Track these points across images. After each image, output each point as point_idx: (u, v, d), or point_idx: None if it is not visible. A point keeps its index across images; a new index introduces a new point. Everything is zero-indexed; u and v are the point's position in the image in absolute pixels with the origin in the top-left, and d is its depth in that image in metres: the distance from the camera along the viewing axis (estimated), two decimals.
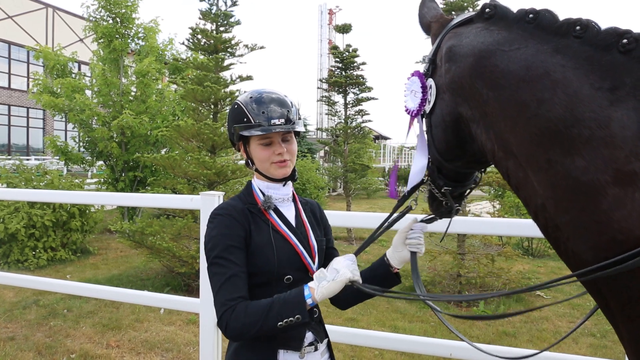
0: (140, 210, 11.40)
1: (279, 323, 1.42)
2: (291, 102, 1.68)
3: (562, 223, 1.02)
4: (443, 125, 1.29)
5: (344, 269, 1.49)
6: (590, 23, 1.02)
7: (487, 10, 1.20)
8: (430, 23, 1.41)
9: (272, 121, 1.60)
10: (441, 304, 6.40)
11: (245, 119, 1.62)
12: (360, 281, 1.51)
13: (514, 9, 1.16)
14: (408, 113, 1.40)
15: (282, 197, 1.73)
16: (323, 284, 1.46)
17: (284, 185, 1.73)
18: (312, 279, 1.66)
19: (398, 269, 1.72)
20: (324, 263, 1.78)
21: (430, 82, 1.31)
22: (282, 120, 1.61)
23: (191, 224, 6.59)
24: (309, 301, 1.45)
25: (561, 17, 1.08)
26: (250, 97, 1.65)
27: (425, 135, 1.38)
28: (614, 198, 0.93)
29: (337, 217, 3.02)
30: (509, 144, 1.09)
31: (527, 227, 2.66)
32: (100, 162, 12.11)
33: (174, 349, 4.83)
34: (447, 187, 1.43)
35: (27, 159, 20.47)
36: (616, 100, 0.95)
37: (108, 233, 11.01)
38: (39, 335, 5.05)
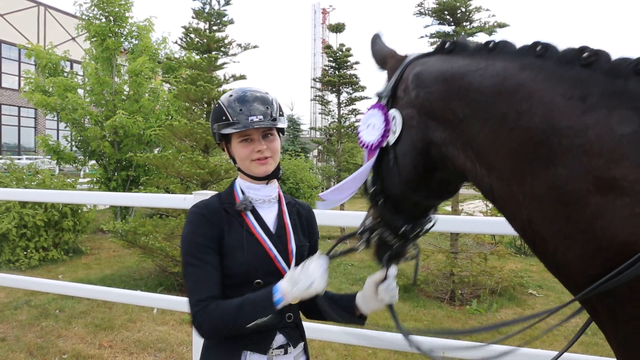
0: (133, 210, 11.35)
1: (248, 324, 1.45)
2: (272, 99, 1.66)
3: (548, 235, 1.03)
4: (414, 153, 1.25)
5: (319, 279, 1.47)
6: (548, 44, 1.08)
7: (446, 45, 1.24)
8: (386, 58, 1.40)
9: (251, 118, 1.58)
10: (434, 302, 6.43)
11: (224, 117, 1.61)
12: (325, 287, 1.51)
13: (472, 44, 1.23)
14: (366, 147, 1.34)
15: (264, 198, 1.70)
16: (295, 292, 1.46)
17: (267, 184, 1.69)
18: None
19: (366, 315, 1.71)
20: None
21: (394, 112, 1.28)
22: (261, 117, 1.59)
23: (184, 223, 6.57)
24: (279, 306, 1.46)
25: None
26: (230, 96, 1.64)
27: (373, 168, 1.36)
28: (596, 206, 0.94)
29: (330, 217, 3.03)
30: (491, 159, 1.09)
31: None
32: (93, 162, 12.05)
33: (167, 348, 4.81)
34: (407, 225, 1.38)
35: (19, 159, 20.34)
36: (588, 109, 0.98)
37: (100, 233, 10.95)
38: (30, 336, 5.01)
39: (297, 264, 1.66)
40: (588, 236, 0.96)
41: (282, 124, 1.66)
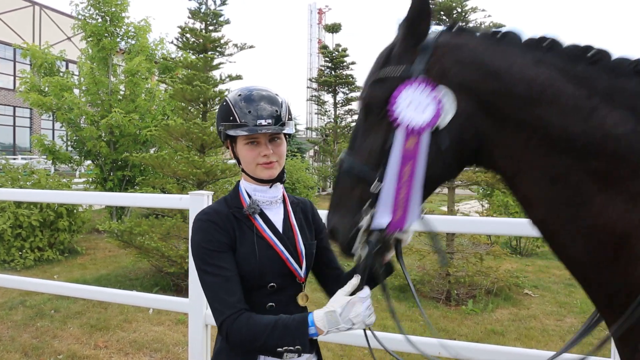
0: (128, 210, 11.31)
1: (278, 348, 1.40)
2: (282, 101, 1.60)
3: (561, 233, 1.16)
4: (463, 139, 1.22)
5: (359, 324, 1.40)
6: (554, 38, 1.17)
7: (456, 26, 1.28)
8: (422, 20, 1.25)
9: (259, 121, 1.53)
10: (430, 303, 6.43)
11: (231, 118, 1.56)
12: (374, 320, 1.44)
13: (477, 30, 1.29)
14: (411, 130, 1.22)
15: (270, 199, 1.67)
16: (332, 330, 1.39)
17: (270, 187, 1.67)
18: (298, 285, 1.66)
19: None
20: (315, 264, 1.75)
21: (444, 92, 1.20)
22: (271, 120, 1.54)
23: (180, 223, 6.56)
24: (314, 338, 1.42)
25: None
26: (239, 95, 1.59)
27: (425, 155, 1.24)
28: (599, 204, 1.09)
29: (324, 216, 3.03)
30: (520, 162, 1.18)
31: (515, 226, 2.68)
32: (89, 162, 12.01)
33: (162, 349, 4.80)
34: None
35: (14, 158, 20.24)
36: (594, 109, 1.09)
37: (96, 233, 10.92)
38: (25, 336, 5.00)
39: (307, 263, 1.67)
40: (593, 231, 1.10)
41: (290, 129, 1.62)
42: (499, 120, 1.19)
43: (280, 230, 1.66)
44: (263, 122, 1.53)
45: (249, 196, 1.65)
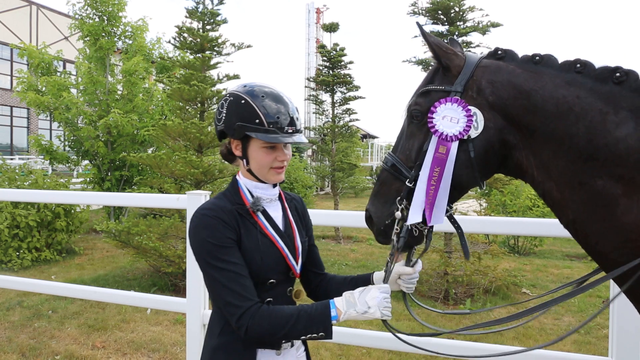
0: (126, 210, 11.30)
1: (302, 336, 1.47)
2: (297, 108, 1.66)
3: (590, 231, 1.31)
4: (491, 150, 1.43)
5: (374, 307, 1.48)
6: (587, 61, 1.32)
7: (499, 52, 1.47)
8: (449, 54, 1.48)
9: (286, 128, 1.57)
10: (428, 302, 6.44)
11: (257, 120, 1.54)
12: (390, 317, 1.51)
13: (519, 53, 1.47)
14: (443, 138, 1.43)
15: (270, 197, 1.69)
16: (350, 313, 1.48)
17: (273, 187, 1.70)
18: (292, 280, 1.71)
19: None
20: (305, 262, 1.78)
21: (474, 109, 1.42)
22: (293, 128, 1.59)
23: (178, 223, 6.55)
24: (334, 322, 1.48)
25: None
26: (262, 96, 1.57)
27: (455, 159, 1.44)
28: (624, 207, 1.23)
29: (324, 216, 3.02)
30: (550, 169, 1.35)
31: (513, 225, 2.68)
32: (86, 162, 11.98)
33: (160, 349, 4.80)
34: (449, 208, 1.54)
35: (11, 159, 20.19)
36: (619, 123, 1.24)
37: (94, 233, 10.91)
38: (22, 337, 4.98)
39: (302, 260, 1.73)
40: (619, 230, 1.25)
41: (304, 138, 1.67)
42: (529, 133, 1.36)
43: (281, 227, 1.69)
44: (289, 129, 1.58)
45: (250, 193, 1.65)
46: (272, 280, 1.62)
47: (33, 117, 29.34)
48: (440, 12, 7.60)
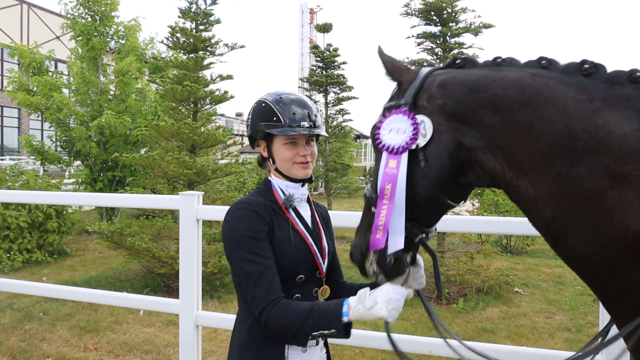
0: (119, 211, 11.23)
1: (314, 332, 1.48)
2: (317, 108, 1.78)
3: (571, 230, 1.16)
4: (446, 155, 1.31)
5: (382, 303, 1.43)
6: (552, 58, 1.23)
7: (457, 61, 1.38)
8: (401, 70, 1.45)
9: (302, 123, 1.67)
10: (421, 302, 6.45)
11: (275, 118, 1.68)
12: (394, 320, 1.47)
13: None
14: (390, 151, 1.37)
15: (301, 196, 1.78)
16: (359, 308, 1.46)
17: (302, 185, 1.77)
18: (319, 280, 1.77)
19: None
20: (328, 267, 1.84)
21: (422, 117, 1.34)
22: (310, 123, 1.69)
23: (171, 224, 6.53)
24: (345, 319, 1.47)
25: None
26: (280, 97, 1.71)
27: (405, 171, 1.35)
28: (612, 201, 1.08)
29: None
30: (521, 163, 1.21)
31: (505, 225, 2.70)
32: (78, 162, 11.91)
33: (153, 350, 4.78)
34: (425, 231, 1.42)
35: (2, 159, 20.05)
36: (596, 110, 1.12)
37: (86, 234, 10.84)
38: (13, 340, 4.95)
39: (328, 260, 1.80)
40: (607, 228, 1.09)
41: (325, 132, 1.79)
42: (489, 128, 1.24)
43: (310, 225, 1.78)
44: (305, 124, 1.68)
45: (283, 192, 1.74)
46: (301, 276, 1.68)
47: (24, 117, 29.12)
48: (432, 13, 7.63)
